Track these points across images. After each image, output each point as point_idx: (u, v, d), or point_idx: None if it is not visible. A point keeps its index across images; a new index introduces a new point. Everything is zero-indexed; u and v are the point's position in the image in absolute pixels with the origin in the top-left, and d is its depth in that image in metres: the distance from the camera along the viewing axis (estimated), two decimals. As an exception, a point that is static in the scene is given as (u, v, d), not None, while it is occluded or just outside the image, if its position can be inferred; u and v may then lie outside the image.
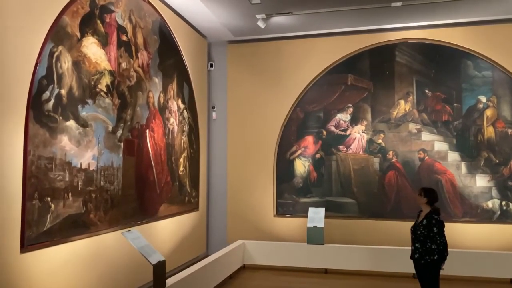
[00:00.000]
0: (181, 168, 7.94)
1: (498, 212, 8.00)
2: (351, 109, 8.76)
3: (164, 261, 5.01)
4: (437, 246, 4.84)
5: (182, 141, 8.03)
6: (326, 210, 8.27)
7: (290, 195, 8.94)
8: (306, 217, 8.27)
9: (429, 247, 4.85)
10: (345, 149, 8.75)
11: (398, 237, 7.78)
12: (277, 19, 8.00)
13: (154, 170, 6.85)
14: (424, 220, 4.96)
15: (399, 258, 7.13)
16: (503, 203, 7.99)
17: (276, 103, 9.09)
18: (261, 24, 7.87)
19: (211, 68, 9.45)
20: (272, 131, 9.09)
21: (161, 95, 7.17)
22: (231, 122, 9.35)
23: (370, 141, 8.65)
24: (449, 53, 8.34)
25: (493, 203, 8.03)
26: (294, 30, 8.64)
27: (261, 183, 9.07)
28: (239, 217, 9.09)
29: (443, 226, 4.93)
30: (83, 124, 5.14)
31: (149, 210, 6.73)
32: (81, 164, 5.07)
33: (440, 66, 8.40)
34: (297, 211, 8.85)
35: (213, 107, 9.49)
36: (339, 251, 7.89)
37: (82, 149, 5.10)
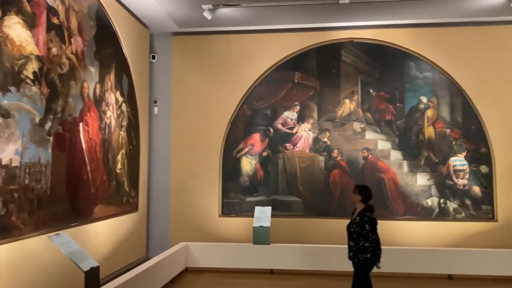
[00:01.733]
0: (119, 166, 7.40)
1: (437, 210, 8.25)
2: (298, 107, 8.67)
3: (97, 267, 4.54)
4: (370, 243, 4.80)
5: (121, 136, 7.49)
6: (272, 209, 8.12)
7: (236, 194, 8.68)
8: (252, 216, 8.05)
9: (362, 245, 4.82)
10: (291, 147, 8.63)
11: (343, 235, 7.67)
12: (224, 11, 7.70)
13: (89, 168, 6.28)
14: (357, 218, 4.93)
15: (344, 257, 7.02)
16: (441, 201, 8.26)
17: (222, 99, 8.78)
18: (207, 15, 7.54)
19: (154, 60, 8.94)
20: (218, 128, 8.77)
21: (97, 86, 6.60)
22: (175, 118, 8.91)
23: (316, 140, 8.60)
24: (393, 54, 8.49)
25: (432, 201, 8.28)
26: (242, 24, 8.39)
27: (206, 182, 8.72)
28: (182, 218, 8.67)
29: (376, 223, 4.91)
30: (4, 114, 4.52)
31: (83, 211, 6.15)
32: (1, 160, 4.46)
33: (384, 66, 8.54)
34: (243, 210, 8.61)
35: (155, 102, 8.99)
36: (285, 250, 7.75)
37: (2, 143, 4.48)
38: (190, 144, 8.80)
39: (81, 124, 6.07)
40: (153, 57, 8.93)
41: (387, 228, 8.20)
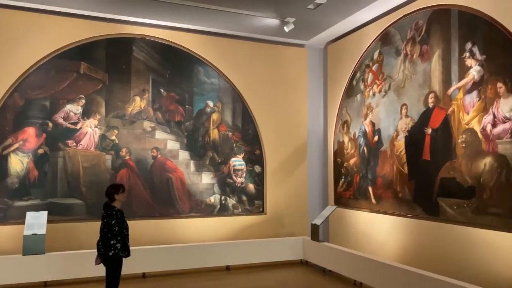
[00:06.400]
0: None
1: (219, 206, 8.89)
2: (83, 101, 7.95)
3: None
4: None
5: None
6: (48, 214, 7.23)
7: (1, 198, 7.31)
8: (23, 223, 6.97)
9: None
10: (74, 144, 7.85)
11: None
12: (-7, -21, 6.42)
13: None
14: (119, 214, 5.36)
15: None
16: (223, 198, 8.94)
17: (-15, 84, 7.30)
18: (-31, -21, 6.13)
19: None
20: (-23, 119, 7.24)
21: None
22: None
23: (103, 137, 8.07)
24: (184, 57, 8.73)
25: (214, 198, 8.87)
26: (16, -2, 7.18)
27: (-42, 184, 7.08)
28: None
29: None
30: None
31: None
32: None
33: (176, 68, 8.69)
34: (10, 217, 7.31)
35: None
36: (63, 259, 7.01)
37: None
38: None
39: None
40: None
41: (172, 227, 8.40)
